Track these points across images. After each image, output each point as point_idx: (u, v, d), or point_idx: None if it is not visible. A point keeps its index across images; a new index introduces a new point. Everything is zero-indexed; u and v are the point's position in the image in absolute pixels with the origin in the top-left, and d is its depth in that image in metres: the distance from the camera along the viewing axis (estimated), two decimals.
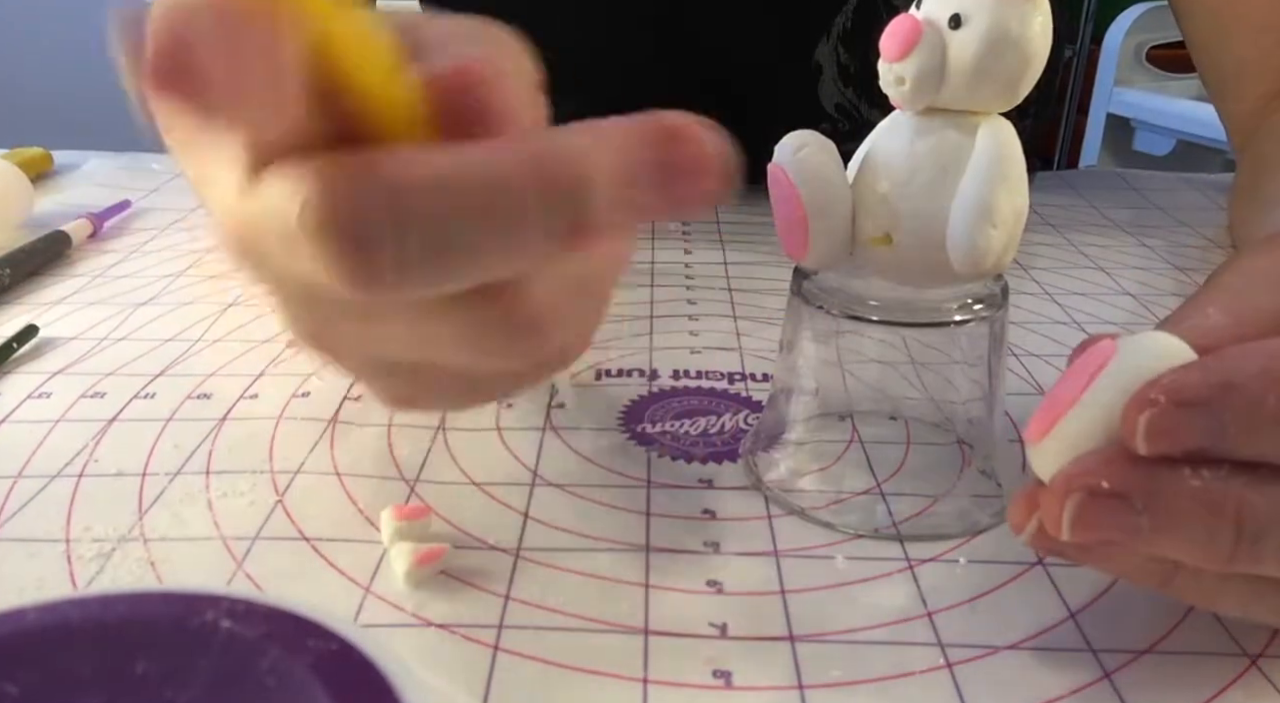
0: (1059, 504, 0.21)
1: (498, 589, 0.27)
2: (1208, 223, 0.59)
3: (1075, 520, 0.21)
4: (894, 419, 0.35)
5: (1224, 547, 0.20)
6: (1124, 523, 0.21)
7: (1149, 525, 0.21)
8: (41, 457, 0.32)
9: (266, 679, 0.17)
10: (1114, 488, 0.21)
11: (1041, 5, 0.26)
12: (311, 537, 0.28)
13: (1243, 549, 0.20)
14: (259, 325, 0.43)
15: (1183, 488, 0.20)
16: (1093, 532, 0.21)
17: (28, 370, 0.38)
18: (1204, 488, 0.20)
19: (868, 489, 0.31)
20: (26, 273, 0.47)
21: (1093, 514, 0.21)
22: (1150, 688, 0.24)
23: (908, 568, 0.28)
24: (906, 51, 0.26)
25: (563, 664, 0.24)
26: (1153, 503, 0.20)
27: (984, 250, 0.26)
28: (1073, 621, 0.26)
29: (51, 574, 0.27)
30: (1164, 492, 0.20)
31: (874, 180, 0.28)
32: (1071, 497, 0.21)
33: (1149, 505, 0.20)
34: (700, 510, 0.30)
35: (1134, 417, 0.20)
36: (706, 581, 0.27)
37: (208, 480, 0.31)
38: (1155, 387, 0.20)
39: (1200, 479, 0.20)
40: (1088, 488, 0.21)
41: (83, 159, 0.67)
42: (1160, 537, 0.21)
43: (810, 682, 0.24)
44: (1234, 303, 0.25)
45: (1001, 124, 0.27)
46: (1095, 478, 0.21)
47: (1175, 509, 0.20)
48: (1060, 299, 0.47)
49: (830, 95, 0.57)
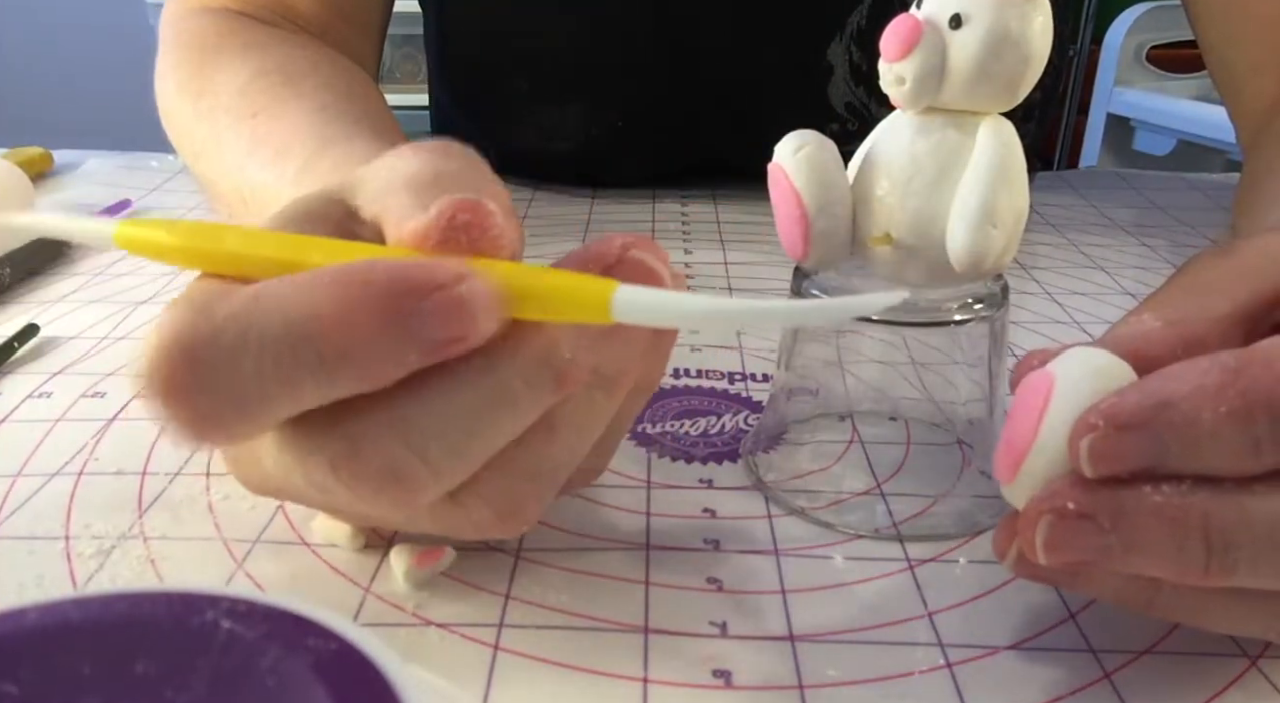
0: (1032, 529, 0.22)
1: (498, 589, 0.27)
2: (1209, 223, 0.59)
3: (1047, 543, 0.21)
4: (894, 419, 0.35)
5: (1196, 560, 0.21)
6: (1093, 543, 0.21)
7: (1118, 543, 0.21)
8: (41, 455, 0.32)
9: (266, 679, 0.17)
10: (1080, 509, 0.21)
11: (1042, 5, 0.26)
12: (312, 541, 0.28)
13: (1214, 562, 0.21)
14: None
15: (1146, 504, 0.21)
16: (1065, 553, 0.21)
17: (28, 370, 0.38)
18: (1166, 503, 0.21)
19: (868, 489, 0.31)
20: (27, 272, 0.47)
21: (1063, 536, 0.21)
22: (1150, 688, 0.24)
23: (908, 568, 0.28)
24: (907, 51, 0.26)
25: (563, 664, 0.24)
26: (1119, 521, 0.21)
27: (984, 250, 0.26)
28: (1073, 621, 0.26)
29: (51, 571, 0.27)
30: (1128, 509, 0.21)
31: (874, 180, 0.28)
32: (1042, 520, 0.21)
33: (1115, 524, 0.21)
34: (700, 509, 0.30)
35: (1077, 443, 0.21)
36: (707, 578, 0.27)
37: (208, 482, 0.31)
38: (1094, 411, 0.21)
39: (1162, 494, 0.21)
40: (1055, 510, 0.21)
41: (83, 159, 0.67)
42: (1131, 554, 0.21)
43: (810, 682, 0.24)
44: (1173, 311, 0.25)
45: (1002, 124, 0.27)
46: (1061, 500, 0.21)
47: (1141, 526, 0.21)
48: (1060, 299, 0.47)
49: (841, 94, 0.57)
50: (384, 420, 0.21)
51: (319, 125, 0.40)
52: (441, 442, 0.21)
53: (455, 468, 0.21)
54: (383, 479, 0.21)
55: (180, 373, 0.20)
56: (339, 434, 0.21)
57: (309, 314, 0.20)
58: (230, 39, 0.49)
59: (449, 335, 0.20)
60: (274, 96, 0.43)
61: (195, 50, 0.49)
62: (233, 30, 0.50)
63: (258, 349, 0.20)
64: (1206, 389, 0.21)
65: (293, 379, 0.20)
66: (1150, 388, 0.21)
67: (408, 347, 0.20)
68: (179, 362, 0.20)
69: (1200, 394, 0.21)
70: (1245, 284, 0.25)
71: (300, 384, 0.20)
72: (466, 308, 0.20)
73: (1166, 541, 0.21)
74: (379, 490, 0.21)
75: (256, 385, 0.20)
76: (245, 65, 0.46)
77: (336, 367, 0.20)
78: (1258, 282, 0.25)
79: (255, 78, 0.45)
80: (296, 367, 0.20)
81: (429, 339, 0.20)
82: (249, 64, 0.46)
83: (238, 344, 0.20)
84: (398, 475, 0.21)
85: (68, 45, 2.20)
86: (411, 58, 2.03)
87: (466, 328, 0.20)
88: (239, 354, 0.20)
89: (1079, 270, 0.51)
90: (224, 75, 0.46)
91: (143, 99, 0.53)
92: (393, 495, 0.21)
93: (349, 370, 0.20)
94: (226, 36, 0.50)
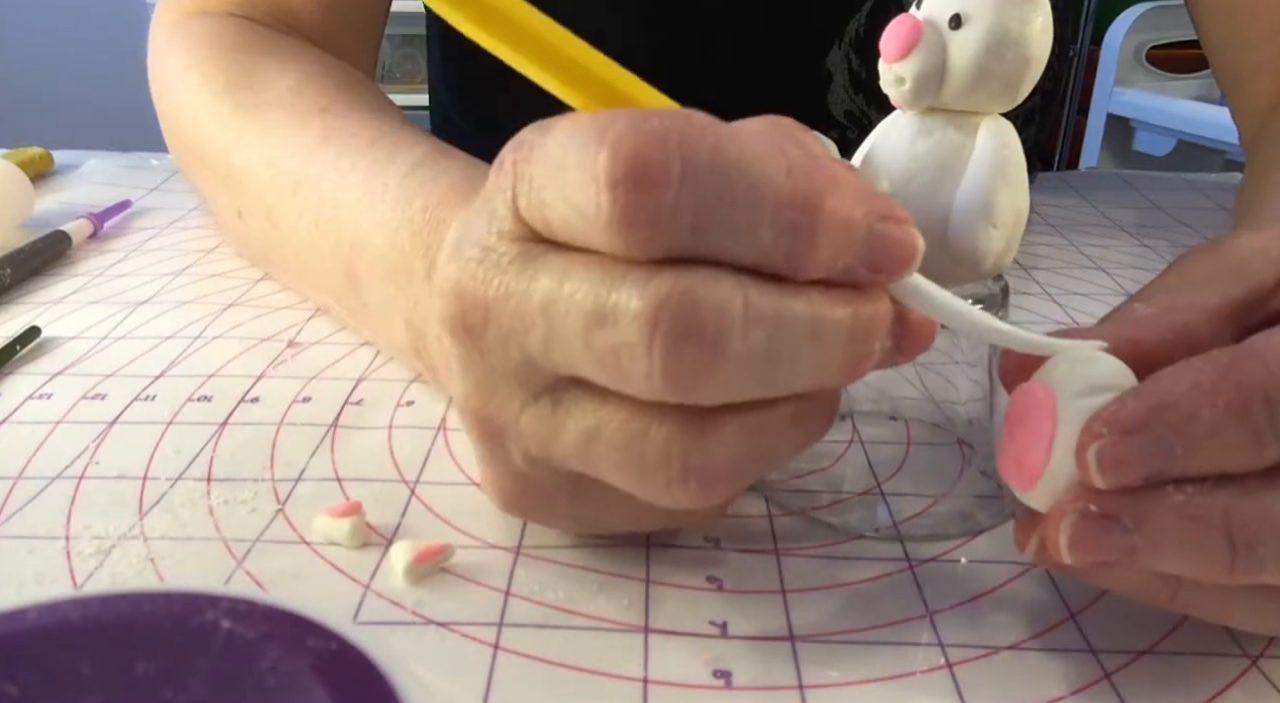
0: (1055, 529, 0.22)
1: (497, 585, 0.27)
2: (1209, 223, 0.59)
3: (1071, 543, 0.22)
4: (894, 419, 0.35)
5: (1220, 559, 0.21)
6: (1117, 543, 0.21)
7: (1142, 543, 0.21)
8: (42, 458, 0.32)
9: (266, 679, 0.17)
10: (1103, 510, 0.21)
11: (1042, 5, 0.26)
12: (312, 541, 0.28)
13: (1240, 560, 0.21)
14: (259, 324, 0.43)
15: (1168, 504, 0.21)
16: (1090, 553, 0.21)
17: (28, 371, 0.38)
18: (1187, 502, 0.21)
19: (868, 489, 0.31)
20: (27, 273, 0.47)
21: (1087, 536, 0.21)
22: (1150, 688, 0.24)
23: (908, 568, 0.28)
24: (907, 52, 0.26)
25: (563, 664, 0.24)
26: (1142, 521, 0.21)
27: (984, 251, 0.26)
28: (1073, 621, 0.26)
29: (51, 570, 0.27)
30: (1150, 509, 0.21)
31: (874, 180, 0.28)
32: (1065, 520, 0.22)
33: (1139, 524, 0.21)
34: (713, 517, 0.30)
35: (1084, 454, 0.21)
36: (707, 576, 0.27)
37: (209, 487, 0.31)
38: (1097, 421, 0.21)
39: (1184, 494, 0.21)
40: (1079, 512, 0.21)
41: (83, 159, 0.67)
42: (1154, 554, 0.21)
43: (810, 682, 0.24)
44: (1165, 301, 0.25)
45: (1002, 124, 0.27)
46: (1084, 503, 0.21)
47: (1164, 525, 0.21)
48: (1061, 299, 0.47)
49: (840, 102, 0.57)
50: (724, 291, 0.20)
51: (404, 127, 0.40)
52: (761, 344, 0.21)
53: (754, 384, 0.21)
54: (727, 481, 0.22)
55: (667, 168, 0.20)
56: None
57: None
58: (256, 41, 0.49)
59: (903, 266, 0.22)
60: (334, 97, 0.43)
61: (219, 49, 0.49)
62: (256, 33, 0.50)
63: (748, 179, 0.20)
64: (1202, 386, 0.21)
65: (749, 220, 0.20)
66: (1148, 391, 0.21)
67: (864, 257, 0.21)
68: (671, 153, 0.20)
69: (1197, 392, 0.21)
70: (1236, 278, 0.26)
71: (758, 231, 0.20)
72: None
73: (1189, 540, 0.21)
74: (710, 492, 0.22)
75: (727, 207, 0.20)
76: (292, 65, 0.46)
77: (795, 230, 0.20)
78: (1248, 276, 0.26)
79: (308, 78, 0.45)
80: (773, 217, 0.20)
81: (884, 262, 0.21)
82: (294, 65, 0.46)
83: (734, 164, 0.20)
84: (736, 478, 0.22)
85: (68, 45, 2.20)
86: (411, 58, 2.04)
87: None
88: (729, 173, 0.20)
89: (1079, 270, 0.51)
90: (278, 73, 0.46)
91: (143, 99, 0.52)
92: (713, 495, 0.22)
93: (800, 241, 0.20)
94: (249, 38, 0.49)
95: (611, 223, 0.20)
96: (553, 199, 0.21)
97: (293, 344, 0.41)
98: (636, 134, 0.20)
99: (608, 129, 0.20)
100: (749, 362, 0.20)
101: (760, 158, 0.20)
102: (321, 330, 0.42)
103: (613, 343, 0.20)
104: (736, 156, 0.20)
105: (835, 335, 0.21)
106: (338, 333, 0.42)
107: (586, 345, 0.21)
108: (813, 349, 0.21)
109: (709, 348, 0.20)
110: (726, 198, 0.20)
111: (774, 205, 0.20)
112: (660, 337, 0.20)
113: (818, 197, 0.20)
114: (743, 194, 0.20)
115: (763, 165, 0.20)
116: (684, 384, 0.20)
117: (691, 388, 0.20)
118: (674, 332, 0.20)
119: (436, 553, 0.27)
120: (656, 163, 0.19)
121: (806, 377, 0.21)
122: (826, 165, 0.21)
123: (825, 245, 0.20)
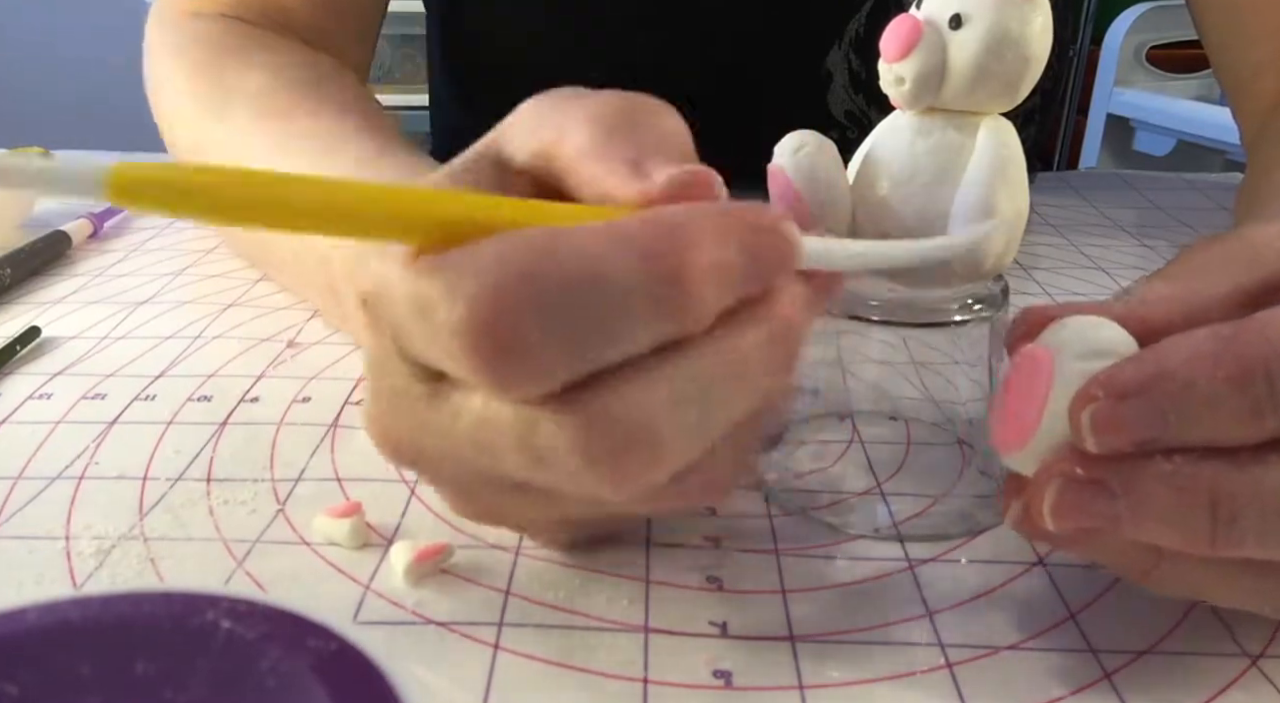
0: (1040, 494, 0.22)
1: (497, 585, 0.27)
2: (1209, 223, 0.59)
3: (1055, 508, 0.22)
4: (894, 419, 0.35)
5: (1202, 530, 0.21)
6: (1102, 509, 0.21)
7: (1126, 510, 0.21)
8: (42, 458, 0.32)
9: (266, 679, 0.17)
10: (1090, 475, 0.21)
11: (1042, 5, 0.26)
12: (312, 542, 0.28)
13: (1220, 532, 0.21)
14: (259, 324, 0.43)
15: (1155, 472, 0.21)
16: (1073, 518, 0.21)
17: (28, 371, 0.38)
18: (1175, 471, 0.21)
19: (868, 489, 0.31)
20: (27, 273, 0.47)
21: (1071, 501, 0.21)
22: (1150, 688, 0.24)
23: (908, 568, 0.28)
24: (906, 52, 0.26)
25: (563, 664, 0.24)
26: (1128, 488, 0.21)
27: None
28: (1073, 621, 0.26)
29: (50, 570, 0.27)
30: (1138, 477, 0.21)
31: (874, 180, 0.28)
32: (1051, 484, 0.22)
33: (1125, 490, 0.21)
34: (701, 509, 0.30)
35: (1079, 415, 0.21)
36: (707, 576, 0.27)
37: (209, 488, 0.31)
38: (1094, 383, 0.21)
39: (1172, 463, 0.21)
40: (1065, 475, 0.21)
41: None
42: (1139, 522, 0.21)
43: (810, 682, 0.24)
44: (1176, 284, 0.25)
45: (1002, 124, 0.27)
46: (1071, 466, 0.21)
47: (1149, 493, 0.21)
48: (1061, 299, 0.47)
49: (840, 102, 0.57)
50: (639, 387, 0.20)
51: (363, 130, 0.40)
52: (693, 410, 0.20)
53: (700, 441, 0.21)
54: (629, 449, 0.20)
55: (524, 319, 0.18)
56: (589, 399, 0.20)
57: (662, 250, 0.19)
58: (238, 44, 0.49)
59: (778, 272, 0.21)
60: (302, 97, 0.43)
61: (204, 51, 0.49)
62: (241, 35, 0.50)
63: (608, 289, 0.19)
64: (1203, 356, 0.21)
65: (630, 324, 0.19)
66: (1147, 357, 0.21)
67: (747, 283, 0.20)
68: (525, 304, 0.18)
69: (1197, 360, 0.21)
70: (1248, 267, 0.25)
71: (638, 329, 0.19)
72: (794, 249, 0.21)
73: (1174, 509, 0.21)
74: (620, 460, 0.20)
75: (599, 330, 0.19)
76: (263, 68, 0.46)
77: (674, 308, 0.19)
78: (1260, 265, 0.25)
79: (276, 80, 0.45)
80: (648, 309, 0.19)
81: (764, 276, 0.21)
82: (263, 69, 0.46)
83: (589, 283, 0.19)
84: (649, 444, 0.20)
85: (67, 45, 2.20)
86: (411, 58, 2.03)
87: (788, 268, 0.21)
88: (589, 295, 0.19)
89: (1079, 270, 0.51)
90: (244, 76, 0.46)
91: (143, 99, 0.53)
92: (634, 465, 0.20)
93: (687, 312, 0.19)
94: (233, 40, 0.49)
95: (493, 387, 0.19)
96: (429, 354, 0.20)
97: (292, 344, 0.41)
98: (482, 295, 0.18)
99: (455, 295, 0.19)
100: (687, 430, 0.20)
101: (606, 256, 0.19)
102: (321, 330, 0.42)
103: (555, 474, 0.20)
104: (589, 272, 0.19)
105: (759, 359, 0.21)
106: (337, 333, 0.42)
107: (530, 473, 0.21)
108: (743, 380, 0.21)
109: (645, 446, 0.19)
110: (593, 318, 0.19)
111: (641, 300, 0.19)
112: (597, 458, 0.19)
113: (679, 264, 0.19)
114: (608, 309, 0.19)
115: (613, 265, 0.19)
116: (638, 479, 0.20)
117: (645, 477, 0.20)
118: (610, 449, 0.19)
119: (436, 553, 0.27)
120: (509, 327, 0.18)
121: (750, 399, 0.21)
122: (669, 217, 0.20)
123: (708, 297, 0.20)
